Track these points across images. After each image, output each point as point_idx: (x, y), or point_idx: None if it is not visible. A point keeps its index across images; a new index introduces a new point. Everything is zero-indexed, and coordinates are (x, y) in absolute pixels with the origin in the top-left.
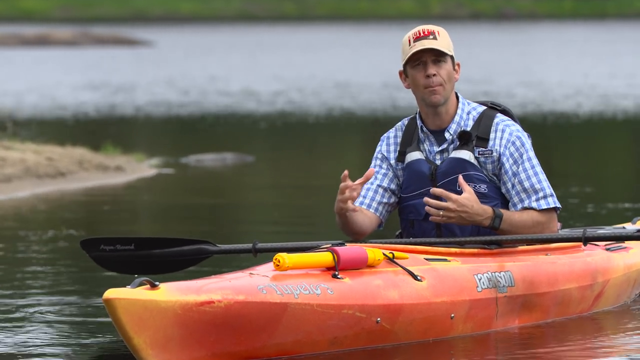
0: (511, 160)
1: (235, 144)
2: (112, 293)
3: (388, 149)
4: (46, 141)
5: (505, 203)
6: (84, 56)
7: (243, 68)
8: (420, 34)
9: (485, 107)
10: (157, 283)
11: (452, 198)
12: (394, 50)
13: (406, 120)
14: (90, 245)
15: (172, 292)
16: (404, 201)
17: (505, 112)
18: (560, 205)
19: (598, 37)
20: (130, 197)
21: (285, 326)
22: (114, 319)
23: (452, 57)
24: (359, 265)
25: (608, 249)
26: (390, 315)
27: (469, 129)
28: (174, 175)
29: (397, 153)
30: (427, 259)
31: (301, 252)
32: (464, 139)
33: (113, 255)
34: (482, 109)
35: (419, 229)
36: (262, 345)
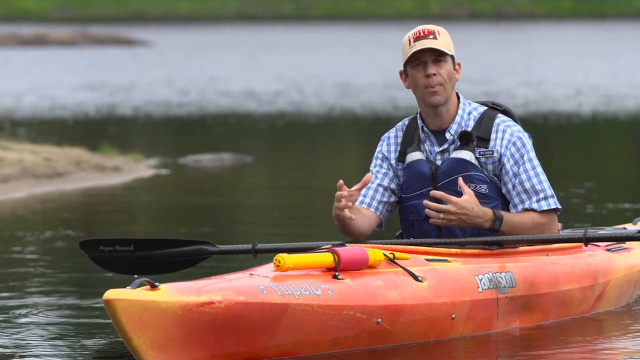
0: (512, 161)
1: (233, 144)
2: (112, 294)
3: (388, 149)
4: (44, 141)
5: (506, 204)
6: (81, 56)
7: (241, 68)
8: (420, 33)
9: (486, 107)
10: (157, 284)
11: (452, 200)
12: (393, 50)
13: (407, 120)
14: (90, 246)
15: (172, 292)
16: (405, 201)
17: (506, 112)
18: (560, 206)
19: (597, 37)
20: (127, 197)
21: (285, 327)
22: (114, 320)
23: (453, 57)
24: (359, 266)
25: (609, 249)
26: (391, 316)
27: (470, 129)
28: (172, 175)
29: (397, 153)
30: (427, 260)
31: (301, 252)
32: (465, 140)
33: (112, 256)
34: (483, 109)
35: (420, 230)
36: (262, 346)
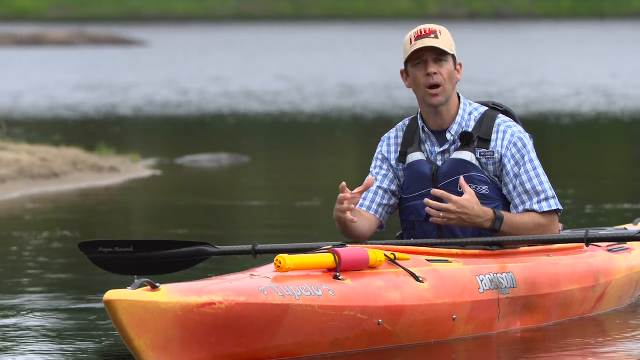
0: (513, 162)
1: (231, 144)
2: (112, 295)
3: (389, 149)
4: (40, 141)
5: (507, 205)
6: (79, 56)
7: (239, 68)
8: (421, 32)
9: (487, 107)
10: (157, 284)
11: (452, 199)
12: (392, 50)
13: (407, 121)
14: (89, 248)
15: (172, 293)
16: (405, 202)
17: (507, 112)
18: (561, 207)
19: (596, 36)
20: (124, 198)
21: (286, 328)
22: (114, 321)
23: (454, 57)
24: (360, 267)
25: (610, 250)
26: (391, 316)
27: (471, 130)
28: (169, 176)
29: (398, 154)
30: (428, 260)
31: (302, 253)
32: (466, 140)
33: (112, 257)
34: (483, 109)
35: (420, 230)
36: (263, 347)
